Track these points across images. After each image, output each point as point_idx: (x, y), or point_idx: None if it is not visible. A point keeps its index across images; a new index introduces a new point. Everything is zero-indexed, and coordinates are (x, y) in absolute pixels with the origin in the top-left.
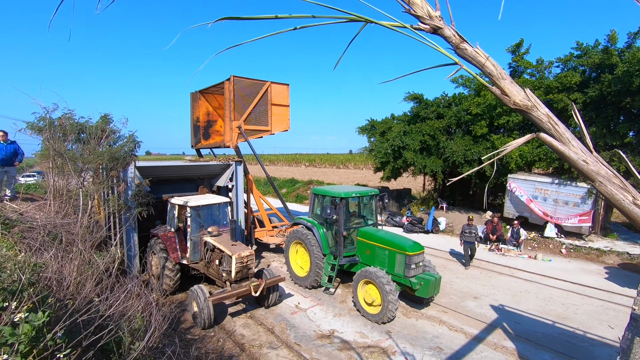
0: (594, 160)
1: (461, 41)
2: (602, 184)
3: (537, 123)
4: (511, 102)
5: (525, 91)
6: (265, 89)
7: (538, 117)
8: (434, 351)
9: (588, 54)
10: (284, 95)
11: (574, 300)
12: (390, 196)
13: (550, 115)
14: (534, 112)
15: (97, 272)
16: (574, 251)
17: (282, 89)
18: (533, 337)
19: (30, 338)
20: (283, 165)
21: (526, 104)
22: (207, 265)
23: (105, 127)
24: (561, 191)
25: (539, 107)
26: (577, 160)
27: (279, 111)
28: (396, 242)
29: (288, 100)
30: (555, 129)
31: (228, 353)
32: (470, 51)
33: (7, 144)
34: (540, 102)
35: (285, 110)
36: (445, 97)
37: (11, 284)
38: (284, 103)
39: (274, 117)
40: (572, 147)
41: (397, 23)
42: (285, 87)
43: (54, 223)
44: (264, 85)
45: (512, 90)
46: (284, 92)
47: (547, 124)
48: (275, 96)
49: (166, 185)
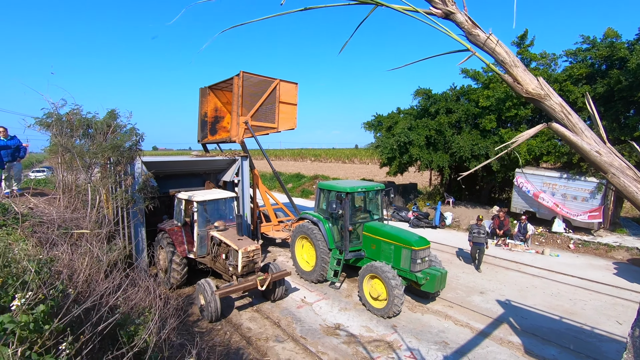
0: (607, 151)
1: (473, 27)
2: (615, 175)
3: (550, 112)
4: (523, 91)
5: (538, 80)
6: (274, 87)
7: (551, 106)
8: (439, 346)
9: (596, 46)
10: (292, 94)
11: (581, 295)
12: (396, 191)
13: (564, 105)
14: (547, 101)
15: (107, 265)
16: (582, 246)
17: (291, 88)
18: (540, 332)
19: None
20: (289, 160)
21: (539, 93)
22: (213, 260)
23: (111, 122)
24: (570, 186)
25: (552, 95)
26: (590, 151)
27: (286, 109)
28: (402, 237)
29: (296, 99)
30: (568, 119)
31: (235, 346)
32: (482, 38)
33: (7, 139)
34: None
35: (293, 109)
36: (454, 89)
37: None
38: (292, 102)
39: (281, 115)
40: (585, 137)
41: (409, 7)
42: (294, 86)
43: (63, 217)
44: (273, 82)
45: (524, 78)
46: (292, 91)
47: (560, 114)
48: (284, 94)
49: (173, 180)
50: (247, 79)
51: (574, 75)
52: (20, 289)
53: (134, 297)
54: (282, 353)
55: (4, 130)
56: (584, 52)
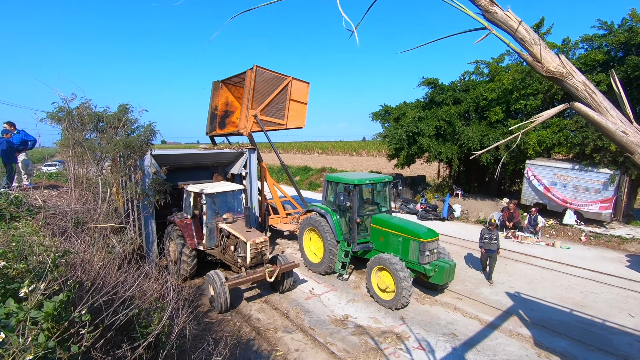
0: (634, 131)
1: (491, 4)
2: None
3: (572, 92)
4: (544, 70)
5: (560, 57)
6: (286, 84)
7: (574, 85)
8: (448, 337)
9: (613, 32)
10: (303, 93)
11: (593, 288)
12: (404, 183)
13: (587, 83)
14: (569, 80)
15: (119, 256)
16: (594, 239)
17: (303, 87)
18: (549, 324)
19: (51, 316)
20: (296, 153)
21: (561, 71)
22: (222, 251)
23: (122, 116)
24: (582, 177)
25: (574, 74)
26: (616, 132)
27: (296, 107)
28: (410, 229)
29: (307, 99)
30: (592, 98)
31: (245, 337)
32: (500, 15)
33: (15, 133)
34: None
35: (303, 108)
36: (462, 80)
37: (36, 266)
38: (303, 100)
39: (290, 113)
40: (611, 117)
41: None
42: (306, 85)
43: (75, 210)
44: (285, 80)
45: (545, 56)
46: (304, 90)
47: (584, 93)
48: (295, 92)
49: (182, 173)
50: (260, 73)
51: (589, 62)
52: (36, 280)
53: (147, 289)
54: (291, 344)
55: (11, 126)
56: (600, 39)
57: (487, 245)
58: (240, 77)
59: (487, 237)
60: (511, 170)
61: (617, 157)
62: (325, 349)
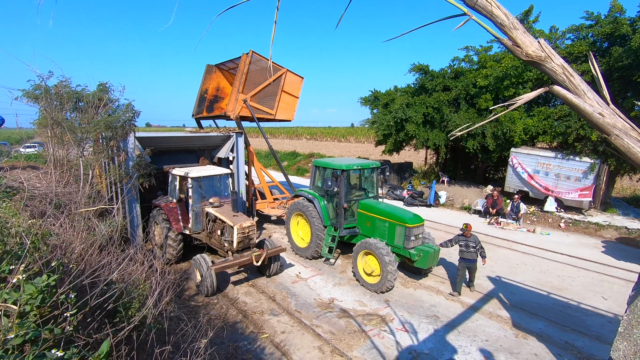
0: (610, 112)
1: None
2: (618, 137)
3: (551, 75)
4: (523, 54)
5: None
6: (280, 75)
7: (552, 69)
8: (430, 319)
9: (600, 23)
10: (296, 87)
11: (569, 272)
12: (391, 169)
13: (565, 67)
14: (548, 63)
15: (100, 239)
16: (573, 225)
17: (296, 80)
18: (528, 306)
19: (34, 299)
20: (284, 138)
21: (539, 55)
22: (209, 236)
23: (102, 95)
24: (564, 165)
25: (553, 57)
26: (593, 113)
27: (287, 99)
28: (396, 215)
29: (299, 92)
30: (570, 81)
31: (232, 319)
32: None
33: None
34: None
35: (294, 101)
36: (452, 67)
37: (15, 248)
38: (295, 94)
39: (281, 104)
40: (588, 99)
41: None
42: (300, 80)
43: (55, 192)
44: (280, 70)
45: (524, 40)
46: (297, 84)
47: (562, 76)
48: (288, 84)
49: (167, 157)
50: (256, 60)
51: (574, 52)
52: (15, 261)
53: (130, 271)
54: (277, 326)
55: None
56: (586, 29)
57: (464, 253)
58: (235, 63)
59: (462, 244)
60: (496, 157)
61: (597, 146)
62: (311, 331)
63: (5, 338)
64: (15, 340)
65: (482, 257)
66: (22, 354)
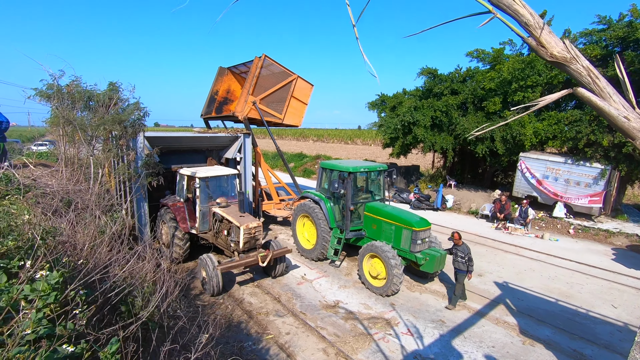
0: (636, 116)
1: None
2: None
3: (576, 77)
4: (548, 54)
5: (564, 42)
6: (291, 80)
7: (577, 70)
8: (436, 324)
9: (612, 27)
10: (305, 93)
11: (578, 279)
12: (398, 172)
13: (591, 69)
14: (573, 65)
15: (110, 236)
16: (582, 232)
17: (306, 87)
18: (535, 313)
19: (46, 295)
20: (291, 140)
21: (564, 56)
22: (215, 236)
23: (113, 95)
24: (573, 171)
25: (578, 59)
26: (618, 117)
27: (296, 105)
28: (403, 218)
29: (308, 99)
30: (595, 83)
31: (237, 319)
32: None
33: None
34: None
35: (302, 107)
36: (459, 71)
37: (26, 243)
38: (304, 100)
39: (289, 109)
40: (614, 102)
41: None
42: (310, 87)
43: (66, 189)
44: (291, 76)
45: (549, 41)
46: (307, 91)
47: (587, 78)
48: (298, 91)
49: (175, 156)
50: (268, 64)
51: (586, 57)
52: (25, 256)
53: (138, 269)
54: (282, 327)
55: None
56: (598, 33)
57: (454, 262)
58: (247, 66)
59: (454, 252)
60: (506, 162)
61: (608, 152)
62: (316, 333)
63: (23, 334)
64: (30, 335)
65: (468, 271)
66: (37, 349)
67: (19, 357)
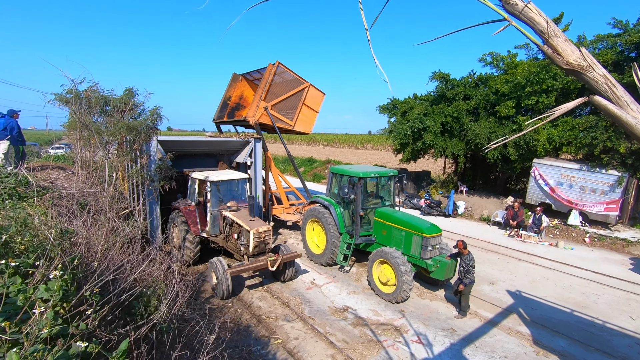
0: None
1: None
2: None
3: (592, 85)
4: (563, 62)
5: (581, 50)
6: (303, 88)
7: (594, 78)
8: (447, 332)
9: (628, 32)
10: (317, 102)
11: (594, 289)
12: (408, 178)
13: (608, 77)
14: (590, 73)
15: (123, 239)
16: (598, 240)
17: (318, 95)
18: (549, 323)
19: (60, 295)
20: (301, 145)
21: (581, 64)
22: (225, 239)
23: (128, 100)
24: (589, 178)
25: (595, 67)
26: (636, 126)
27: (307, 113)
28: (413, 224)
29: (319, 108)
30: (612, 91)
31: (245, 323)
32: (520, 7)
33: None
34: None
35: (313, 115)
36: (472, 76)
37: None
38: (315, 108)
39: (300, 116)
40: (631, 110)
41: None
42: (321, 95)
43: (82, 192)
44: (303, 84)
45: (565, 49)
46: (318, 99)
47: (604, 86)
48: (309, 99)
49: (187, 160)
50: (281, 72)
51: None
52: (40, 257)
53: (150, 272)
54: (290, 332)
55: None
56: (614, 38)
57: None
58: (261, 73)
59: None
60: (519, 168)
61: (626, 159)
62: (325, 339)
63: (39, 332)
64: (47, 334)
65: (462, 282)
66: (52, 347)
67: (35, 356)
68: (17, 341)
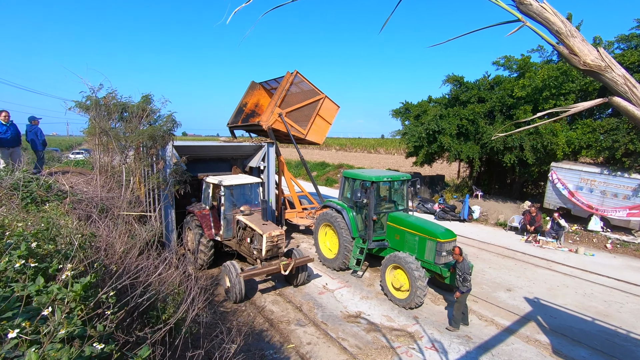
0: None
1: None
2: None
3: (611, 86)
4: (580, 63)
5: (598, 50)
6: (318, 99)
7: (613, 79)
8: (462, 339)
9: None
10: (331, 113)
11: (617, 297)
12: (422, 182)
13: (627, 77)
14: (608, 73)
15: (140, 242)
16: (621, 247)
17: (332, 107)
18: (569, 332)
19: (80, 296)
20: (314, 149)
21: (599, 65)
22: (239, 243)
23: (145, 106)
24: (610, 182)
25: (614, 67)
26: None
27: (320, 123)
28: (427, 228)
29: (333, 120)
30: (632, 92)
31: (258, 327)
32: (535, 7)
33: (8, 124)
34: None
35: (326, 126)
36: (486, 79)
37: (65, 248)
38: (329, 120)
39: (313, 126)
40: None
41: None
42: (335, 107)
43: (100, 196)
44: (319, 95)
45: (582, 49)
46: (333, 111)
47: (623, 87)
48: (324, 110)
49: (201, 164)
50: (298, 81)
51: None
52: (64, 260)
53: (166, 275)
54: (303, 337)
55: (6, 115)
56: (638, 38)
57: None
58: (278, 82)
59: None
60: (536, 172)
61: None
62: (337, 344)
63: (57, 333)
64: (65, 334)
65: (458, 289)
66: (70, 347)
67: (53, 356)
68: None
